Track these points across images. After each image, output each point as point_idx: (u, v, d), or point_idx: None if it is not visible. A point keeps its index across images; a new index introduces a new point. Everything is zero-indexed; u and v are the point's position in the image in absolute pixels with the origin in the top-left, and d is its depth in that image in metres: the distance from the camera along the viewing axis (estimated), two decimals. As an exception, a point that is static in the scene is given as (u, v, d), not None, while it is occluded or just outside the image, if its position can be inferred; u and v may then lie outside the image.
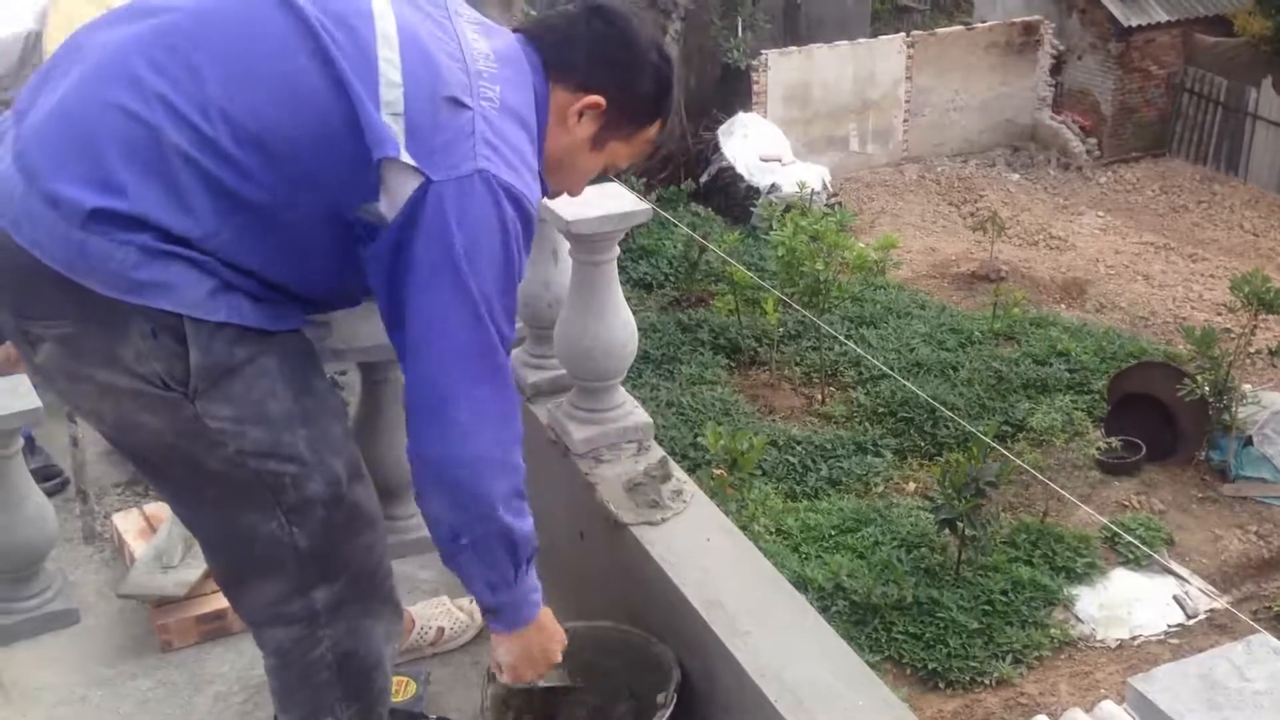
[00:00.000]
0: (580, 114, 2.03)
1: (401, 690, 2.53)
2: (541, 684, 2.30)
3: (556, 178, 2.10)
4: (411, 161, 1.82)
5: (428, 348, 1.89)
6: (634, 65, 2.06)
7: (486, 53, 1.96)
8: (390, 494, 2.70)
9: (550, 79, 2.02)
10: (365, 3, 1.90)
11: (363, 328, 2.54)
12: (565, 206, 2.63)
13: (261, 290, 1.92)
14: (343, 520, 2.03)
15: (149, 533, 3.02)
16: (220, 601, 2.87)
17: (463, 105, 1.86)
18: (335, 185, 1.86)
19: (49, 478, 3.30)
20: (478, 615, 2.76)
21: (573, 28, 2.06)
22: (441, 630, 2.76)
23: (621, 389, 2.95)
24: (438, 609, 2.80)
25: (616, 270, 2.84)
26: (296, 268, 1.93)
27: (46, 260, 1.81)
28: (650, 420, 2.94)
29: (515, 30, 2.09)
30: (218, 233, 1.83)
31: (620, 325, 2.84)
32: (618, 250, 2.81)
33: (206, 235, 1.83)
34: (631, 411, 2.93)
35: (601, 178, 2.41)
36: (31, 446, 3.37)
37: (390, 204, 1.84)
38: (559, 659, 2.21)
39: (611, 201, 2.77)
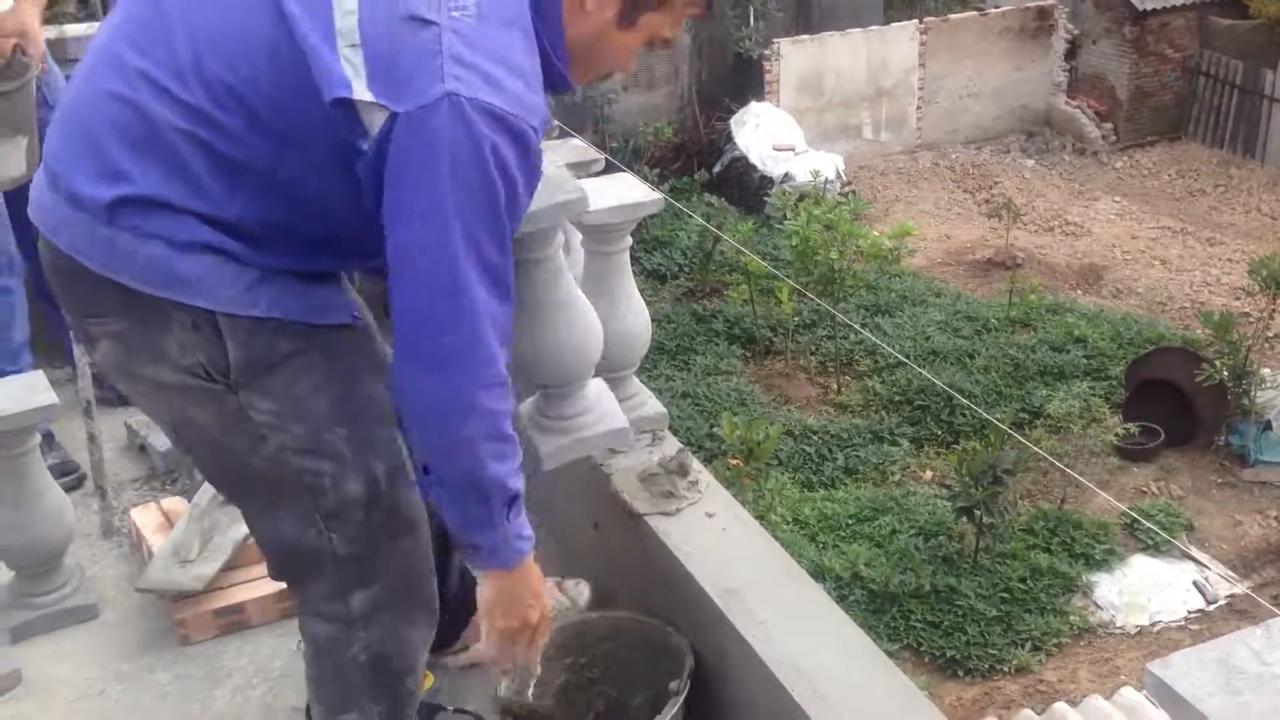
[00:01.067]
0: None
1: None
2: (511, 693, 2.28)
3: (591, 64, 1.94)
4: (369, 97, 1.69)
5: (403, 286, 1.78)
6: None
7: None
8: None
9: None
10: None
11: None
12: None
13: (303, 272, 1.89)
14: (380, 522, 2.00)
15: (167, 528, 3.03)
16: (238, 595, 2.88)
17: (426, 22, 1.70)
18: (321, 135, 1.76)
19: (66, 474, 3.31)
20: (581, 599, 2.68)
21: None
22: None
23: (635, 379, 2.93)
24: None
25: (629, 260, 2.83)
26: (327, 220, 1.87)
27: (84, 261, 1.82)
28: (664, 411, 2.93)
29: None
30: (232, 202, 1.80)
31: (633, 315, 2.82)
32: (630, 240, 2.80)
33: (223, 208, 1.80)
34: (646, 402, 2.91)
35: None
36: (50, 443, 3.38)
37: (370, 143, 1.74)
38: (534, 619, 2.04)
39: (623, 191, 2.76)
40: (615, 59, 1.97)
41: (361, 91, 1.70)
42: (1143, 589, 8.58)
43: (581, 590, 2.82)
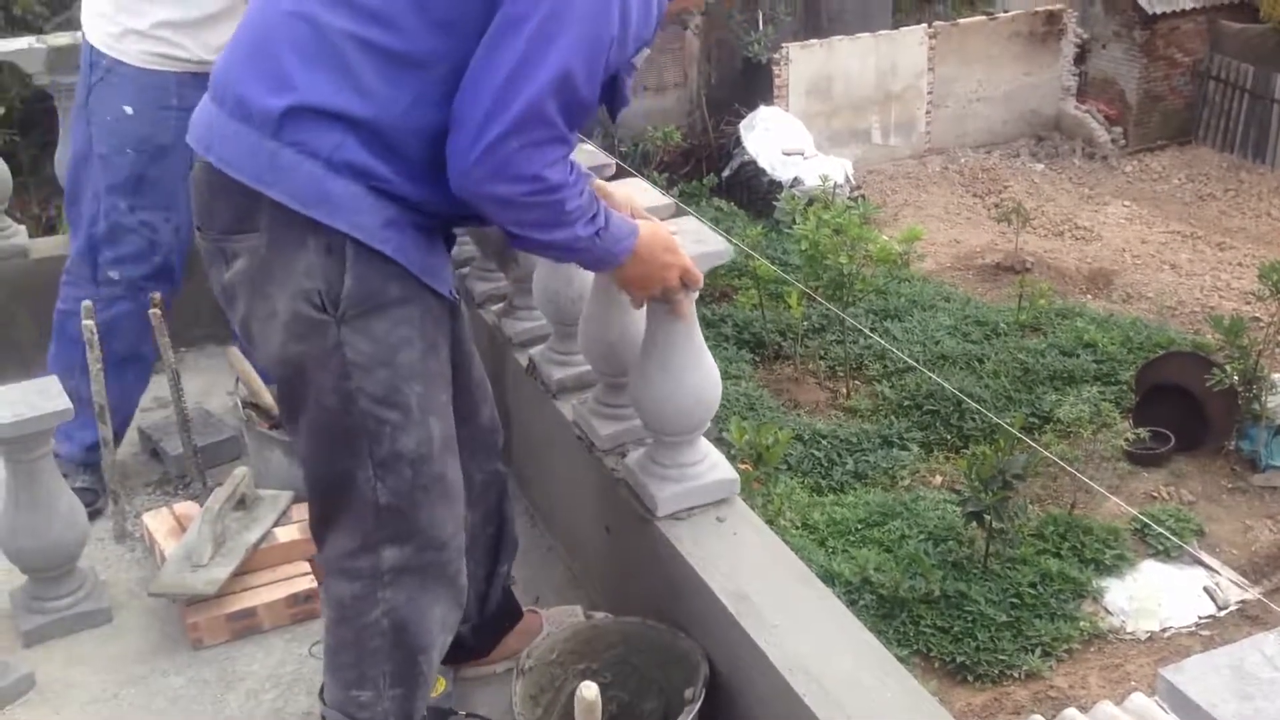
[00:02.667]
0: None
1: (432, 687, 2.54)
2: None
3: None
4: None
5: (475, 95, 1.90)
6: None
7: None
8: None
9: None
10: None
11: None
12: None
13: (425, 221, 2.02)
14: (425, 484, 2.09)
15: (179, 532, 3.05)
16: (250, 599, 2.90)
17: None
18: (478, 10, 1.90)
19: (88, 502, 3.24)
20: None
21: None
22: None
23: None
24: (570, 618, 2.78)
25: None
26: None
27: (236, 175, 1.96)
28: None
29: None
30: (395, 102, 1.92)
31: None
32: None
33: (387, 109, 1.92)
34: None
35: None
36: (82, 469, 3.38)
37: None
38: (672, 281, 2.30)
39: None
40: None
41: None
42: (1153, 594, 8.55)
43: (575, 610, 2.83)
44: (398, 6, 1.90)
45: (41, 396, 2.69)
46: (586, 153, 3.27)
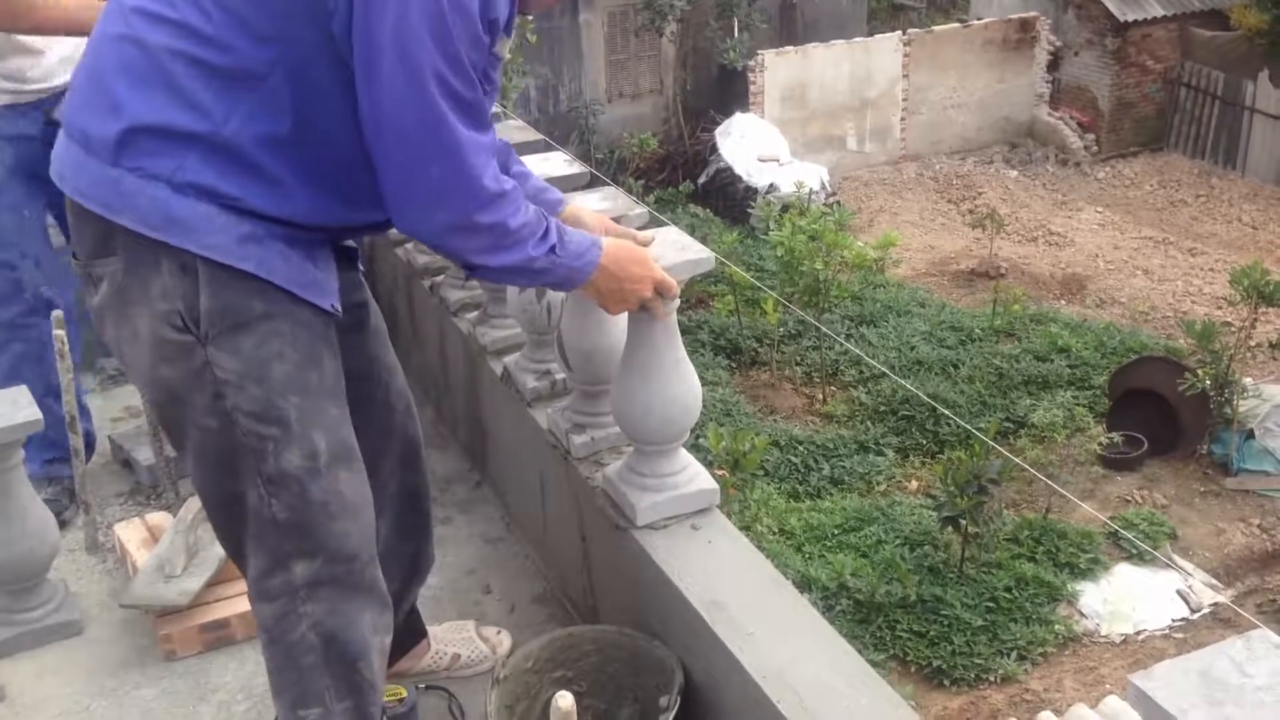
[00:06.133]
0: None
1: (390, 696, 2.52)
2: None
3: None
4: None
5: (379, 132, 1.90)
6: None
7: None
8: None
9: None
10: None
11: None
12: None
13: (298, 234, 1.99)
14: (320, 500, 2.05)
15: (151, 542, 3.02)
16: (223, 610, 2.88)
17: None
18: (302, 20, 1.87)
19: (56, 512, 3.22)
20: (500, 648, 2.78)
21: None
22: (457, 657, 2.74)
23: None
24: (460, 634, 2.78)
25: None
26: (325, 138, 1.95)
27: (90, 205, 1.95)
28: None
29: None
30: (230, 118, 1.90)
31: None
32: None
33: (223, 124, 1.90)
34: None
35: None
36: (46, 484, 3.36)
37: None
38: (647, 293, 2.29)
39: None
40: None
41: None
42: (1127, 598, 8.61)
43: (502, 639, 2.81)
44: (220, 23, 1.88)
45: (11, 407, 2.67)
46: (561, 159, 3.28)
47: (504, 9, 1.96)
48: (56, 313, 3.10)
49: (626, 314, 2.64)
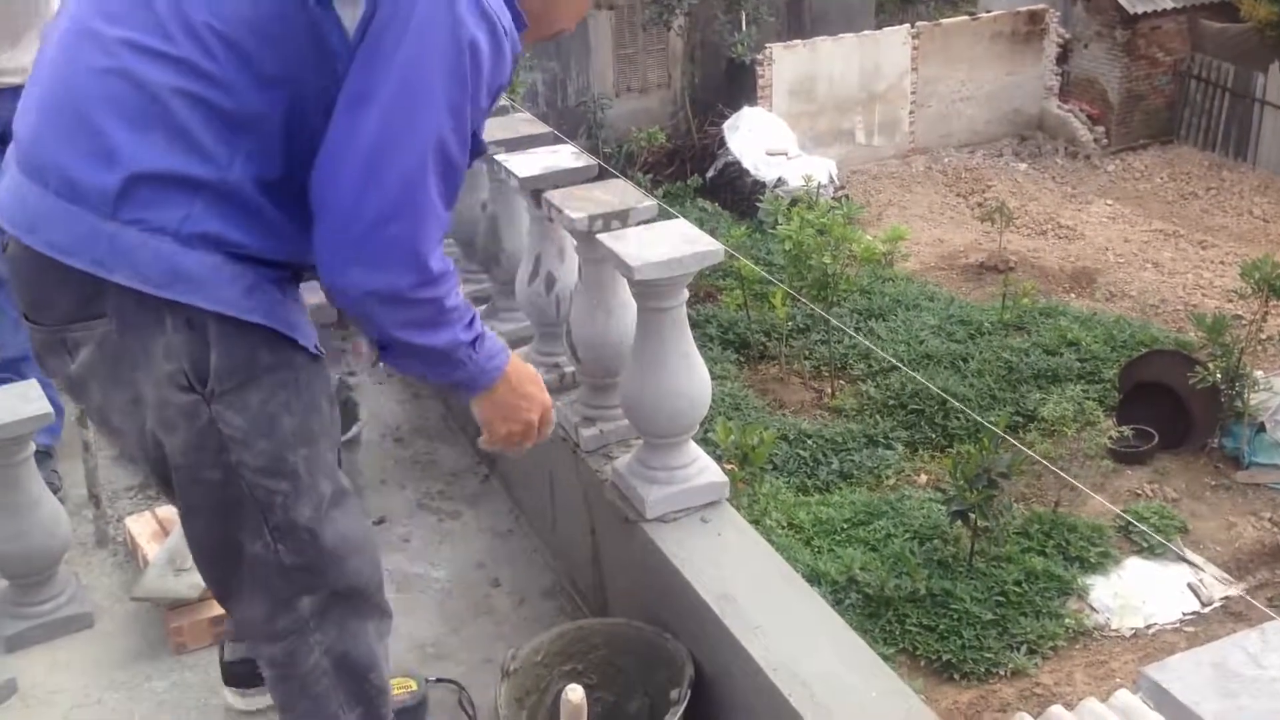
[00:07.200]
0: None
1: (400, 688, 2.52)
2: None
3: (543, 25, 1.99)
4: None
5: (346, 166, 1.77)
6: None
7: None
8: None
9: None
10: None
11: None
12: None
13: (280, 274, 1.87)
14: (330, 546, 2.00)
15: (161, 536, 3.03)
16: (233, 603, 2.88)
17: None
18: (309, 63, 1.77)
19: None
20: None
21: None
22: None
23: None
24: None
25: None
26: (302, 188, 1.83)
27: (70, 261, 1.75)
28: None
29: None
30: (234, 160, 1.77)
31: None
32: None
33: (227, 169, 1.77)
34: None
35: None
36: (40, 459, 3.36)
37: (348, 43, 1.76)
38: (534, 419, 2.12)
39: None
40: (564, 17, 2.03)
41: None
42: (1137, 592, 8.59)
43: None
44: (222, 61, 1.74)
45: (20, 400, 2.68)
46: (569, 153, 3.27)
47: (509, 72, 1.87)
48: None
49: (636, 308, 2.65)
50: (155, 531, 3.07)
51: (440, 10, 1.73)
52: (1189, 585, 8.71)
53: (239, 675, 2.49)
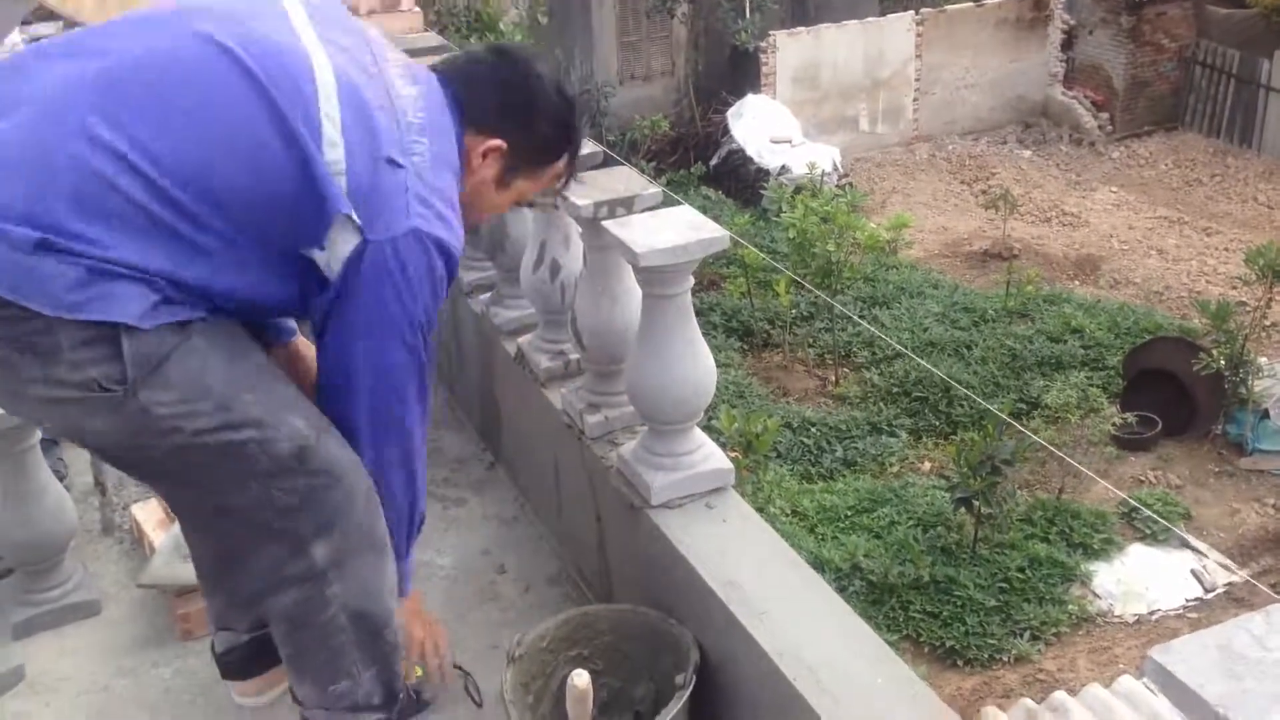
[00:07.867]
0: (484, 155, 2.12)
1: (408, 674, 2.53)
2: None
3: (466, 213, 2.12)
4: (357, 220, 1.92)
5: (360, 385, 2.05)
6: (534, 109, 2.13)
7: (415, 99, 2.02)
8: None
9: (462, 121, 2.10)
10: (301, 52, 1.91)
11: None
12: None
13: (208, 305, 1.96)
14: (320, 470, 2.04)
15: (167, 523, 3.04)
16: (240, 590, 2.88)
17: (397, 165, 1.94)
18: (285, 231, 1.93)
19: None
20: None
21: (477, 71, 2.15)
22: None
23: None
24: None
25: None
26: (251, 292, 1.99)
27: None
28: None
29: (432, 69, 2.14)
30: (174, 273, 1.88)
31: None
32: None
33: (177, 271, 1.88)
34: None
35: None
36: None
37: (332, 257, 1.94)
38: (418, 633, 2.44)
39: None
40: (480, 213, 2.24)
41: (352, 214, 1.92)
42: (1141, 578, 8.59)
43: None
44: (194, 195, 1.85)
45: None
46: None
47: (456, 267, 2.06)
48: None
49: (641, 295, 2.65)
50: (161, 519, 3.08)
51: (418, 257, 1.98)
52: (1192, 571, 8.71)
53: (233, 666, 2.50)
